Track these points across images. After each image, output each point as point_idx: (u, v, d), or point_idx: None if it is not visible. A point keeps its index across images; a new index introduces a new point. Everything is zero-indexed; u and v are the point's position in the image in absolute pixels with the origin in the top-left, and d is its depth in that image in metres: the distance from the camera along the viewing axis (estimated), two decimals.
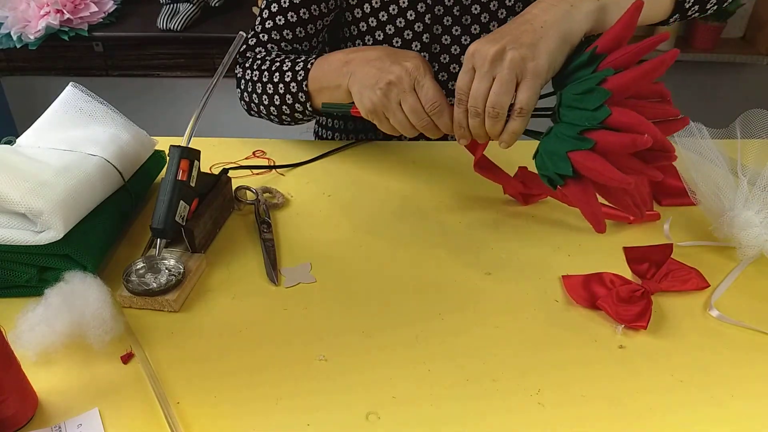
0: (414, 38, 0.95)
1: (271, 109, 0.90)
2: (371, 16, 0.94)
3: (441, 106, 0.68)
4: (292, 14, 0.91)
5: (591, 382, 0.58)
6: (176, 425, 0.52)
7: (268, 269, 0.70)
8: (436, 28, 0.95)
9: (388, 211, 0.82)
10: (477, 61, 0.64)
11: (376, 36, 0.96)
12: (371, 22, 0.95)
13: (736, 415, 0.55)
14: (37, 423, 0.54)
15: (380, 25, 0.95)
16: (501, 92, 0.63)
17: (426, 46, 0.96)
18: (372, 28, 0.95)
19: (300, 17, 0.91)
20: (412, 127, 0.71)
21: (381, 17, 0.94)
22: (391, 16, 0.94)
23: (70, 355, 0.59)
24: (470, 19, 0.95)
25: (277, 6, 0.91)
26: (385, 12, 0.94)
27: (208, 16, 1.76)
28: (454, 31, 0.96)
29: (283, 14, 0.91)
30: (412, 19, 0.94)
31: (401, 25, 0.94)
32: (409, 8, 0.93)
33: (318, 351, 0.61)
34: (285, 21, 0.91)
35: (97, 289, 0.62)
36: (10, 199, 0.63)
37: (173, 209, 0.68)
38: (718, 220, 0.73)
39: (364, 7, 0.94)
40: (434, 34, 0.95)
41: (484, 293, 0.68)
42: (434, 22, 0.94)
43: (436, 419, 0.54)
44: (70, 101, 0.80)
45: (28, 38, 1.64)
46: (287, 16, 0.91)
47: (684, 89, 2.05)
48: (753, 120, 0.77)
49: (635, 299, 0.64)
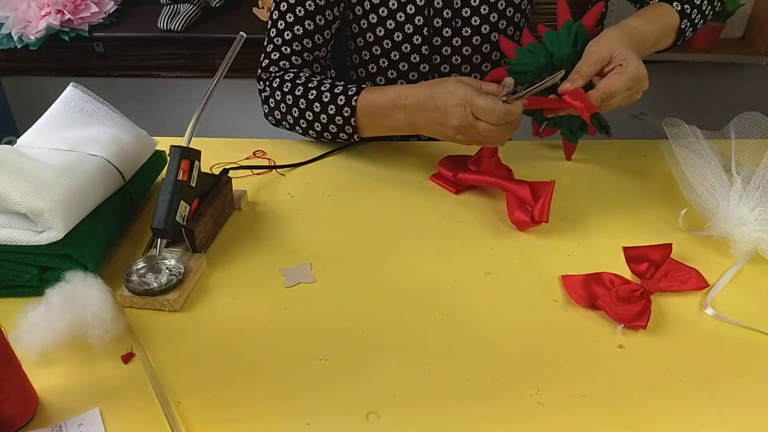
0: (413, 50, 0.97)
1: (310, 132, 0.92)
2: (373, 28, 0.96)
3: (500, 114, 0.73)
4: (309, 22, 0.92)
5: (591, 382, 0.58)
6: (176, 425, 0.53)
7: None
8: (436, 39, 0.96)
9: (388, 211, 0.82)
10: (642, 86, 0.76)
11: (379, 47, 0.97)
12: (368, 37, 0.97)
13: (736, 414, 0.55)
14: (38, 423, 0.54)
15: (386, 34, 0.96)
16: None
17: (426, 57, 0.97)
18: (375, 40, 0.97)
19: (317, 24, 0.92)
20: (503, 135, 0.77)
21: (378, 32, 0.96)
22: (389, 30, 0.95)
23: (70, 355, 0.59)
24: (470, 30, 0.97)
25: (292, 17, 0.91)
26: (382, 27, 0.95)
27: (208, 16, 1.76)
28: (455, 42, 0.97)
29: (301, 24, 0.91)
30: (411, 33, 0.95)
31: (398, 39, 0.96)
32: (407, 22, 0.94)
33: (318, 351, 0.61)
34: (303, 30, 0.92)
35: (97, 289, 0.62)
36: (11, 199, 0.63)
37: (174, 209, 0.68)
38: (712, 218, 0.74)
39: (370, 18, 0.95)
40: (434, 45, 0.97)
41: (484, 293, 0.68)
42: (434, 34, 0.95)
43: (436, 419, 0.54)
44: (71, 101, 0.80)
45: (28, 38, 1.64)
46: (304, 24, 0.91)
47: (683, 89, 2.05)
48: (747, 122, 0.78)
49: (634, 299, 0.65)
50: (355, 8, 0.95)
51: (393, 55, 0.98)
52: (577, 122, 0.87)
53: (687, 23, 0.87)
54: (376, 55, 0.98)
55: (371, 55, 0.99)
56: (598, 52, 0.76)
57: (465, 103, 0.75)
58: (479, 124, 0.75)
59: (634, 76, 0.74)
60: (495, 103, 0.73)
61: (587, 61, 0.77)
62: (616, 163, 0.92)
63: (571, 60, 0.81)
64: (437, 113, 0.78)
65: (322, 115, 0.87)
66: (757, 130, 0.78)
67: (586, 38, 0.82)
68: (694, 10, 0.87)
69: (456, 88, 0.76)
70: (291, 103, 0.90)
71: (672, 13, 0.85)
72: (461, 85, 0.76)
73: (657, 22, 0.84)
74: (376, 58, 0.99)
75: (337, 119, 0.87)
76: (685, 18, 0.86)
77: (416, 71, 0.99)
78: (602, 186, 0.87)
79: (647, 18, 0.83)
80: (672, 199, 0.83)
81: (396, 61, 0.98)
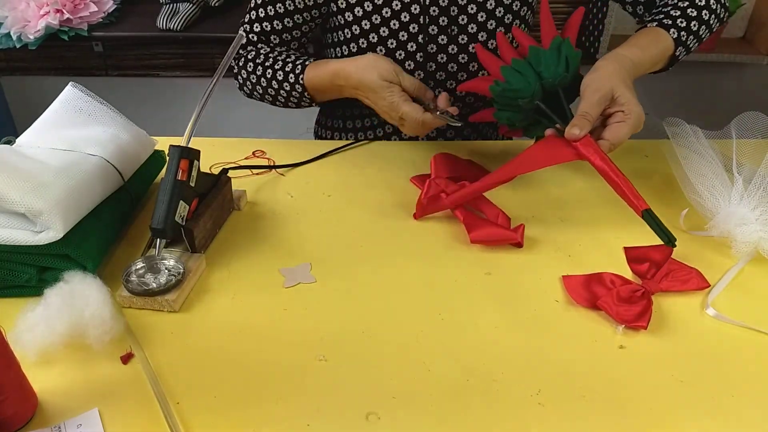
0: (407, 58, 0.95)
1: (277, 103, 0.99)
2: (366, 35, 0.95)
3: (422, 123, 0.83)
4: (289, 2, 0.94)
5: (591, 382, 0.58)
6: (176, 425, 0.52)
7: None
8: (431, 47, 0.95)
9: (388, 211, 0.82)
10: (639, 129, 0.77)
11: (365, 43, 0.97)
12: (362, 43, 0.95)
13: (736, 414, 0.55)
14: (37, 423, 0.54)
15: (379, 41, 0.95)
16: None
17: (420, 65, 0.96)
18: (369, 46, 0.96)
19: (296, 5, 0.94)
20: (418, 133, 0.87)
21: (372, 39, 0.95)
22: (382, 38, 0.94)
23: (69, 355, 0.59)
24: (467, 38, 0.95)
25: (263, 11, 0.95)
26: (376, 34, 0.94)
27: (207, 15, 1.76)
28: (450, 50, 0.95)
29: (280, 2, 0.94)
30: (405, 40, 0.94)
31: (392, 46, 0.95)
32: (401, 30, 0.93)
33: (318, 351, 0.61)
34: (282, 10, 0.95)
35: (96, 289, 0.62)
36: (10, 199, 0.63)
37: (173, 209, 0.68)
38: (713, 218, 0.74)
39: (363, 25, 0.94)
40: (429, 53, 0.95)
41: (484, 293, 0.68)
42: (429, 41, 0.94)
43: (436, 419, 0.54)
44: (70, 101, 0.80)
45: (27, 38, 1.64)
46: (285, 4, 0.94)
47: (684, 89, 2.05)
48: (747, 122, 0.78)
49: (635, 299, 0.64)
50: (345, 14, 0.94)
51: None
52: None
53: (682, 50, 0.88)
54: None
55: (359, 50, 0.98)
56: (601, 92, 0.74)
57: (392, 107, 0.84)
58: (402, 122, 0.84)
59: (637, 123, 0.75)
60: (417, 112, 0.82)
61: (590, 102, 0.74)
62: (616, 163, 0.92)
63: (562, 83, 0.79)
64: (369, 101, 0.87)
65: (281, 91, 0.95)
66: (758, 129, 0.78)
67: (575, 58, 0.80)
68: (690, 36, 0.87)
69: (381, 90, 0.83)
70: (255, 81, 0.97)
71: (667, 39, 0.85)
72: (386, 88, 0.83)
73: (651, 50, 0.84)
74: None
75: (294, 93, 0.94)
76: (680, 45, 0.87)
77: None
78: (603, 186, 0.87)
79: (642, 47, 0.83)
80: (673, 199, 0.83)
81: None
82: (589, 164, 0.74)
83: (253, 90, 0.99)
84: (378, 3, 0.92)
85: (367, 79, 0.84)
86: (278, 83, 0.94)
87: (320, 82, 0.90)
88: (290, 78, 0.92)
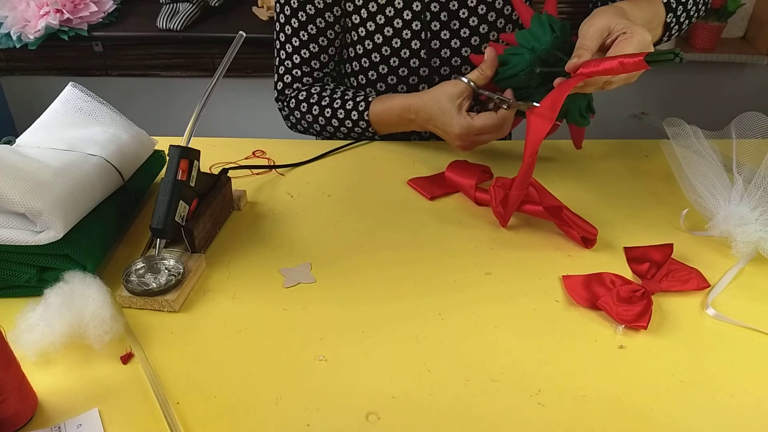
0: (412, 56, 0.97)
1: (338, 135, 0.99)
2: (371, 36, 0.97)
3: (498, 125, 0.82)
4: (313, 45, 0.97)
5: (591, 382, 0.58)
6: (176, 425, 0.52)
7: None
8: (434, 43, 0.96)
9: (388, 211, 0.82)
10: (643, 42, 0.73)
11: (378, 54, 0.98)
12: (367, 45, 0.98)
13: (736, 415, 0.55)
14: (37, 423, 0.54)
15: (384, 41, 0.97)
16: None
17: (425, 61, 0.98)
18: (374, 47, 0.97)
19: (321, 45, 0.97)
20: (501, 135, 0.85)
21: (377, 39, 0.97)
22: (387, 37, 0.96)
23: (69, 355, 0.59)
24: (468, 31, 0.97)
25: (298, 41, 0.96)
26: (380, 35, 0.96)
27: (207, 15, 1.76)
28: (453, 44, 0.97)
29: (306, 47, 0.97)
30: (408, 38, 0.96)
31: (397, 45, 0.96)
32: (404, 28, 0.95)
33: (318, 351, 0.61)
34: (310, 53, 0.97)
35: (96, 289, 0.62)
36: (10, 199, 0.63)
37: (173, 209, 0.68)
38: (713, 218, 0.74)
39: (368, 26, 0.96)
40: (432, 49, 0.97)
41: (484, 293, 0.68)
42: (432, 37, 0.96)
43: (436, 419, 0.54)
44: (70, 101, 0.80)
45: (27, 38, 1.64)
46: (309, 47, 0.97)
47: (684, 89, 2.05)
48: (747, 122, 0.78)
49: (635, 299, 0.64)
50: (351, 16, 0.96)
51: (392, 61, 0.98)
52: (584, 102, 0.86)
53: (672, 18, 0.87)
54: (376, 62, 0.99)
55: (371, 62, 1.00)
56: (596, 26, 0.75)
57: (464, 134, 0.83)
58: (481, 138, 0.84)
59: (641, 40, 0.73)
60: (490, 118, 0.81)
61: (586, 36, 0.75)
62: (616, 163, 0.92)
63: (556, 46, 0.81)
64: (440, 131, 0.87)
65: (342, 127, 0.97)
66: (758, 129, 0.78)
67: (558, 22, 0.82)
68: (680, 7, 0.87)
69: (451, 119, 0.83)
70: (312, 120, 0.99)
71: (659, 4, 0.85)
72: (454, 114, 0.83)
73: (644, 9, 0.84)
74: (376, 65, 1.00)
75: (356, 129, 0.96)
76: (671, 12, 0.86)
77: (416, 75, 0.99)
78: (603, 186, 0.87)
79: (635, 3, 0.83)
80: (673, 199, 0.83)
81: (395, 67, 0.99)
82: (588, 164, 0.74)
83: (309, 128, 1.01)
84: (381, 3, 0.94)
85: (436, 110, 0.85)
86: (339, 121, 0.96)
87: (388, 117, 0.92)
88: (353, 115, 0.94)
